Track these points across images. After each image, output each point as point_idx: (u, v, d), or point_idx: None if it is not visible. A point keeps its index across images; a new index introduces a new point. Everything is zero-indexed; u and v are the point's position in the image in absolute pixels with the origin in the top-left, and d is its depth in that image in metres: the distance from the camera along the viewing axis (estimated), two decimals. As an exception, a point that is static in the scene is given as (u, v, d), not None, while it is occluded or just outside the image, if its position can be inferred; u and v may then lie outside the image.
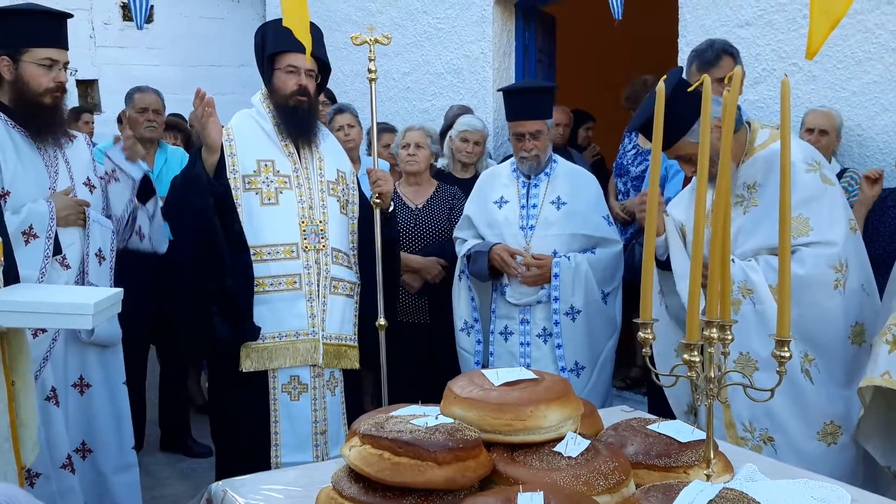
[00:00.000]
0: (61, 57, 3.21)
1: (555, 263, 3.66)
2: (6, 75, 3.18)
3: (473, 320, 3.92)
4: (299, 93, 3.27)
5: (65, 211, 3.18)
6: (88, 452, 3.35)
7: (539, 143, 3.72)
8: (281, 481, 1.98)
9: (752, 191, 2.99)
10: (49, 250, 3.11)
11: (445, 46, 6.98)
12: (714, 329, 1.74)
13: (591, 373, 3.76)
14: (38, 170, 3.22)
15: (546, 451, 1.79)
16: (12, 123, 3.19)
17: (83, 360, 3.32)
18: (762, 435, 2.88)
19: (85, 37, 9.67)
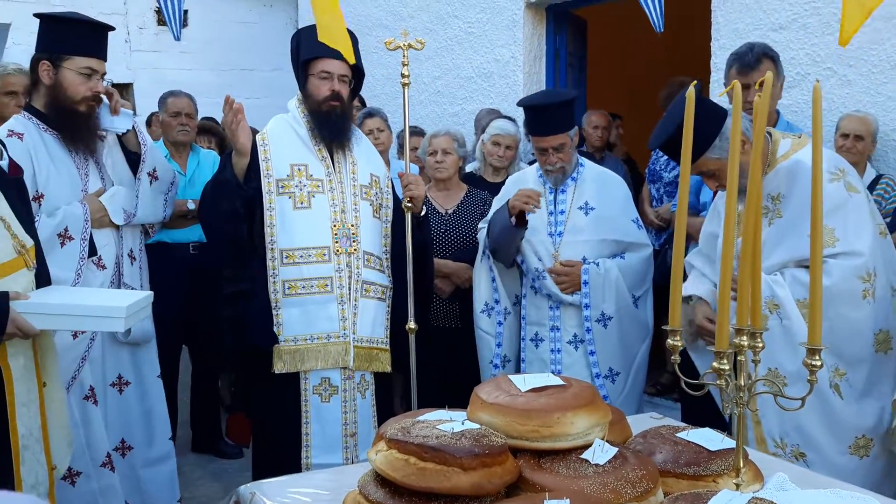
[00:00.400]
0: (100, 67, 3.27)
1: (584, 270, 3.63)
2: (45, 80, 3.23)
3: (494, 301, 3.87)
4: (332, 98, 3.30)
5: (98, 213, 3.24)
6: (128, 450, 3.41)
7: (563, 155, 3.67)
8: (309, 484, 1.99)
9: (777, 202, 2.96)
10: (84, 252, 3.16)
11: (476, 51, 6.98)
12: (744, 337, 1.72)
13: (627, 378, 3.74)
14: (71, 172, 3.27)
15: (573, 459, 1.78)
16: (44, 127, 3.25)
17: (120, 359, 3.38)
18: (794, 451, 2.85)
19: (120, 41, 9.80)
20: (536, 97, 3.92)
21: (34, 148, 3.18)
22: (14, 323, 2.36)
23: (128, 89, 9.97)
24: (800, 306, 2.84)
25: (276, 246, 3.21)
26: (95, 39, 3.27)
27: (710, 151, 2.89)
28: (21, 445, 2.44)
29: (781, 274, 2.90)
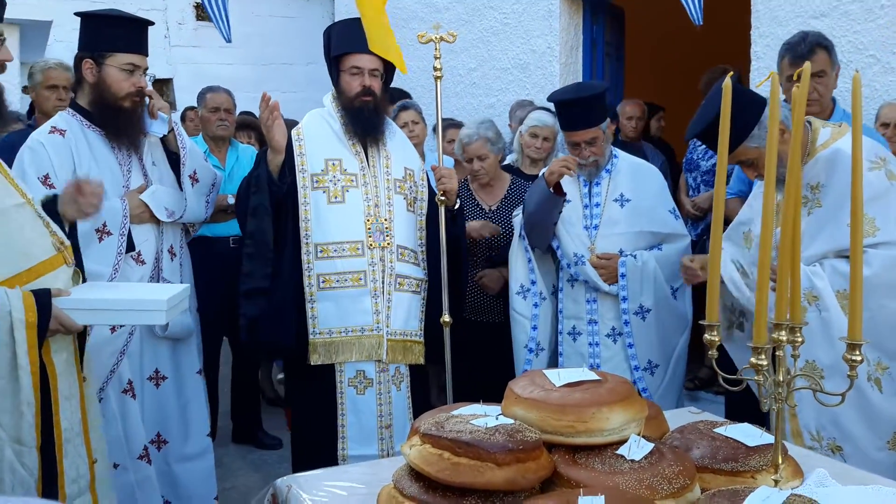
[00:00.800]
0: (142, 63, 3.30)
1: (620, 263, 3.60)
2: (89, 78, 3.27)
3: (530, 283, 3.82)
4: (364, 93, 3.32)
5: (139, 209, 3.28)
6: (164, 443, 3.45)
7: (596, 148, 3.63)
8: (344, 478, 2.00)
9: (816, 192, 2.92)
10: (122, 247, 3.20)
11: (512, 42, 6.95)
12: (783, 332, 1.69)
13: (666, 371, 3.70)
14: (112, 169, 3.30)
15: (609, 454, 1.77)
16: (88, 124, 3.29)
17: (158, 353, 3.41)
18: (830, 444, 2.81)
19: (160, 37, 9.93)
20: (566, 91, 3.87)
21: (76, 144, 3.22)
22: (57, 319, 2.41)
23: (167, 84, 10.10)
24: (839, 297, 2.79)
25: (310, 240, 3.25)
26: (136, 35, 3.31)
27: (748, 140, 2.85)
28: (64, 439, 2.49)
29: (820, 264, 2.85)
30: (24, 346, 2.32)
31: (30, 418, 2.34)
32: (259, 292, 3.25)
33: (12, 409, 2.31)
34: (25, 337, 2.32)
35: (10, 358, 2.31)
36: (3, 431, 2.30)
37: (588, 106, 3.59)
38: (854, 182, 1.63)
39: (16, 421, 2.32)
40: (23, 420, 2.33)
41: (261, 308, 3.25)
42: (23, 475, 2.34)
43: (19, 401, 2.32)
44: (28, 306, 2.34)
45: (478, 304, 4.33)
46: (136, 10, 9.62)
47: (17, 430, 2.32)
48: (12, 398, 2.31)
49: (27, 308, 2.33)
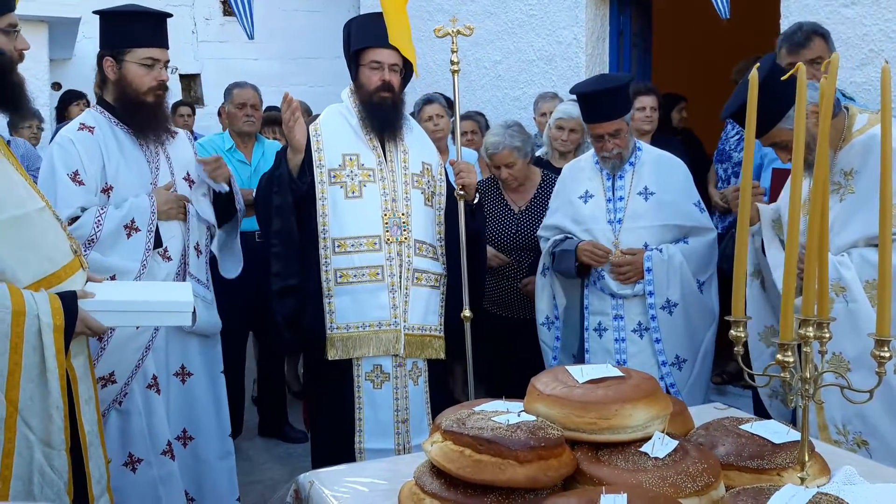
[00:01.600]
0: (162, 56, 3.29)
1: (646, 258, 3.56)
2: (110, 76, 3.28)
3: (554, 316, 3.87)
4: (383, 88, 3.31)
5: (166, 205, 3.28)
6: (190, 440, 3.45)
7: (619, 140, 3.59)
8: (365, 474, 2.00)
9: (849, 178, 2.85)
10: (150, 243, 3.21)
11: (537, 33, 6.90)
12: (810, 328, 1.66)
13: (693, 365, 3.67)
14: (140, 165, 3.32)
15: (632, 451, 1.75)
16: (115, 121, 3.30)
17: (185, 349, 3.41)
18: (856, 438, 2.77)
19: (187, 32, 9.99)
20: (589, 83, 3.85)
21: (104, 141, 3.24)
22: (83, 322, 2.42)
23: (195, 80, 10.16)
24: (868, 288, 2.74)
25: (328, 235, 3.25)
26: (154, 29, 3.30)
27: (783, 122, 2.79)
28: (87, 442, 2.51)
29: (849, 254, 2.80)
30: (52, 349, 2.32)
31: (59, 421, 2.35)
32: (290, 290, 3.26)
33: (41, 413, 2.32)
34: (53, 340, 2.32)
35: (38, 362, 2.31)
36: (32, 434, 2.31)
37: (611, 98, 3.56)
38: (883, 171, 1.60)
39: (45, 424, 2.33)
40: (52, 423, 2.34)
41: (294, 305, 3.26)
42: (52, 477, 2.35)
43: (48, 404, 2.33)
44: (55, 309, 2.34)
45: (503, 299, 4.32)
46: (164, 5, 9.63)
47: (47, 434, 2.33)
48: (41, 402, 2.32)
49: (54, 311, 2.34)
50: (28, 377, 2.29)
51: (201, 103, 9.98)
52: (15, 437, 2.27)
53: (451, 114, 5.30)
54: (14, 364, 2.26)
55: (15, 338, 2.25)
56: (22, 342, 2.27)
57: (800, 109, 1.66)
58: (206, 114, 9.60)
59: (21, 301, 2.28)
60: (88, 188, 3.18)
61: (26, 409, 2.29)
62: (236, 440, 5.12)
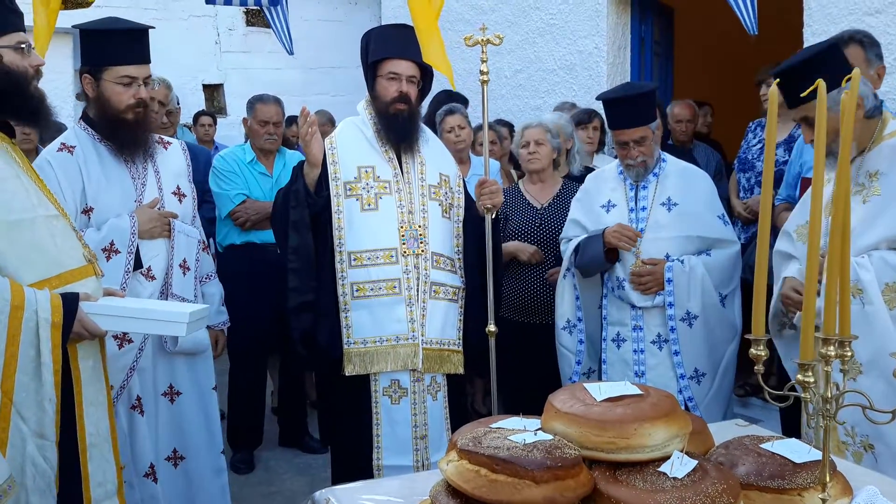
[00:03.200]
0: (141, 73, 3.21)
1: (667, 268, 3.53)
2: (89, 93, 3.24)
3: (577, 319, 3.83)
4: (400, 100, 3.29)
5: (149, 224, 3.22)
6: (181, 459, 3.41)
7: (644, 148, 3.58)
8: (381, 491, 1.99)
9: (874, 179, 2.80)
10: (129, 265, 3.15)
11: (558, 42, 6.89)
12: (832, 346, 1.63)
13: (713, 380, 3.62)
14: (124, 183, 3.25)
15: (650, 471, 1.73)
16: (99, 137, 3.24)
17: (172, 368, 3.36)
18: (863, 442, 2.71)
19: (210, 42, 10.07)
20: (615, 90, 3.85)
21: (85, 160, 3.19)
22: (81, 323, 2.47)
23: (218, 90, 10.24)
24: (887, 291, 2.69)
25: (344, 248, 3.23)
26: (132, 45, 3.22)
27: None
28: (88, 444, 2.55)
29: (869, 256, 2.74)
30: (48, 344, 2.40)
31: (51, 414, 2.42)
32: (307, 306, 3.24)
33: (35, 405, 2.40)
34: (50, 335, 2.40)
35: (34, 356, 2.39)
36: (25, 426, 2.37)
37: (635, 104, 3.57)
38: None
39: (38, 416, 2.40)
40: (45, 415, 2.41)
41: (312, 320, 3.25)
42: (44, 468, 2.42)
43: (41, 396, 2.40)
44: (55, 307, 2.42)
45: (522, 305, 4.29)
46: (188, 16, 9.81)
47: (40, 425, 2.40)
48: (35, 394, 2.40)
49: (53, 309, 2.41)
50: (23, 370, 2.37)
51: (224, 113, 10.05)
52: (9, 428, 2.35)
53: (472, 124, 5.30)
54: (10, 356, 2.34)
55: (12, 330, 2.34)
56: (19, 335, 2.35)
57: (820, 122, 1.64)
58: (229, 123, 9.68)
59: (21, 296, 2.36)
60: (66, 211, 3.13)
61: (20, 401, 2.37)
62: (257, 450, 5.16)
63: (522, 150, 4.35)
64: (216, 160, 5.08)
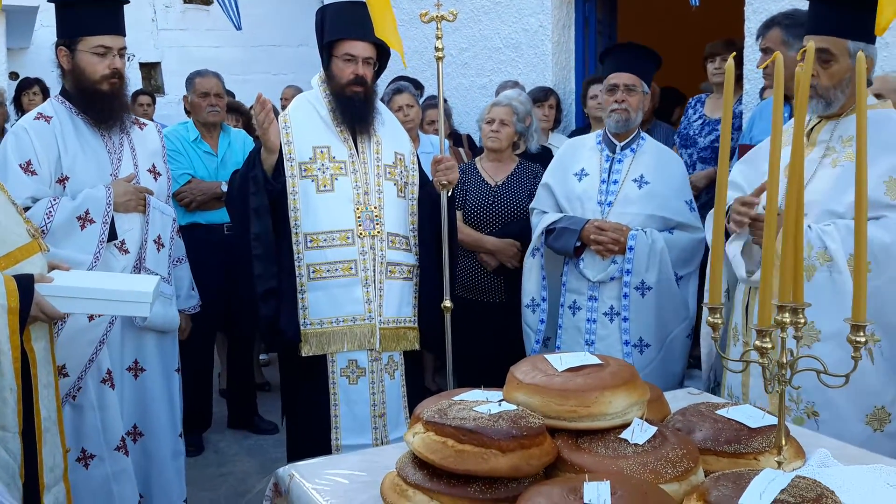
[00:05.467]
0: (115, 43, 3.22)
1: (631, 236, 3.59)
2: (65, 65, 3.23)
3: (541, 299, 3.88)
4: (356, 82, 3.27)
5: (124, 197, 3.23)
6: (140, 436, 3.40)
7: (631, 98, 3.67)
8: (345, 466, 1.99)
9: (847, 145, 2.80)
10: (104, 235, 3.16)
11: (503, 20, 6.89)
12: (787, 314, 1.68)
13: (657, 353, 3.69)
14: (100, 156, 3.27)
15: (612, 438, 1.76)
16: (76, 111, 3.25)
17: (140, 344, 3.36)
18: (807, 408, 2.75)
19: (147, 20, 9.83)
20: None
21: (62, 131, 3.18)
22: (38, 306, 2.39)
23: (155, 68, 10.01)
24: (851, 261, 2.66)
25: (300, 230, 3.21)
26: (106, 16, 3.23)
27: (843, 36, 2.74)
28: (43, 428, 2.49)
29: (834, 224, 2.74)
30: (5, 331, 2.31)
31: (13, 404, 2.34)
32: (273, 293, 3.22)
33: None
34: (7, 322, 2.31)
35: None
36: None
37: (639, 54, 3.77)
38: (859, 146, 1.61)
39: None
40: (6, 406, 2.33)
41: (277, 306, 3.23)
42: (6, 460, 2.35)
43: (2, 386, 2.32)
44: (10, 291, 2.32)
45: (476, 284, 4.32)
46: (123, -7, 9.57)
47: (2, 416, 2.32)
48: None
49: (9, 293, 2.32)
50: None
51: (162, 92, 9.84)
52: None
53: (421, 102, 5.28)
54: None
55: None
56: None
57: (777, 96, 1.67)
58: (167, 102, 9.48)
59: None
60: (41, 178, 3.13)
61: None
62: (206, 433, 5.10)
63: (486, 126, 4.36)
64: (163, 140, 4.98)
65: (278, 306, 3.22)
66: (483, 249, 4.25)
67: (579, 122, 6.40)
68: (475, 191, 4.33)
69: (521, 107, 4.40)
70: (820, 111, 2.88)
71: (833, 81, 2.80)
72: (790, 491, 1.50)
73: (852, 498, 1.64)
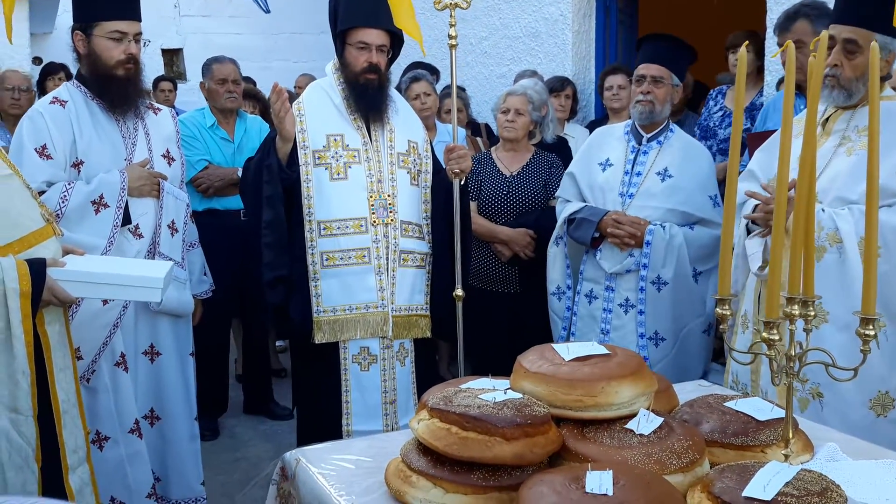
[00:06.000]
0: (131, 29, 3.23)
1: (648, 231, 3.55)
2: (81, 50, 3.25)
3: (567, 287, 3.88)
4: (369, 70, 3.26)
5: (139, 181, 3.25)
6: (157, 419, 3.43)
7: (658, 90, 3.63)
8: (352, 451, 2.00)
9: (862, 134, 2.77)
10: (118, 220, 3.18)
11: (524, 9, 6.86)
12: (796, 306, 1.67)
13: (672, 346, 3.67)
14: (115, 141, 3.28)
15: (617, 429, 1.76)
16: (91, 95, 3.27)
17: (154, 328, 3.39)
18: (812, 389, 2.73)
19: (169, 6, 9.88)
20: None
21: (77, 115, 3.21)
22: (51, 290, 2.40)
23: (178, 55, 10.06)
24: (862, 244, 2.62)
25: (313, 218, 3.21)
26: (122, 1, 3.24)
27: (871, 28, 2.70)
28: (62, 410, 2.51)
29: (849, 209, 2.72)
30: (17, 314, 2.32)
31: (25, 387, 2.35)
32: (281, 280, 3.23)
33: (7, 378, 2.33)
34: (19, 305, 2.32)
35: (3, 327, 2.32)
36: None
37: (670, 46, 3.72)
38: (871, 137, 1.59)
39: (11, 390, 2.33)
40: (18, 389, 2.34)
41: (285, 293, 3.25)
42: (20, 444, 2.36)
43: (14, 370, 2.33)
44: (22, 275, 2.33)
45: (490, 274, 4.32)
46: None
47: (13, 399, 2.34)
48: (6, 367, 2.33)
49: (21, 277, 2.33)
50: None
51: (184, 78, 9.88)
52: None
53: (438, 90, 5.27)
54: None
55: None
56: None
57: (789, 84, 1.66)
58: (189, 89, 9.51)
59: None
60: (56, 162, 3.15)
61: None
62: (221, 417, 5.14)
63: (501, 116, 4.34)
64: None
65: (287, 294, 3.23)
66: (497, 239, 4.24)
67: (598, 113, 6.36)
68: (490, 181, 4.32)
69: (537, 96, 4.37)
70: (840, 102, 2.86)
71: (857, 73, 2.77)
72: (795, 484, 1.49)
73: (860, 492, 1.63)
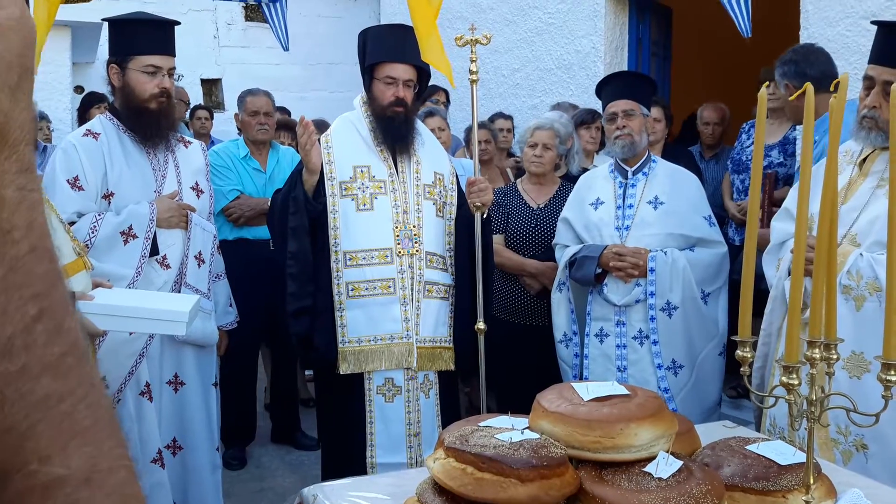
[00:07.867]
0: (165, 63, 3.31)
1: (650, 258, 3.57)
2: (115, 82, 3.33)
3: (573, 333, 3.87)
4: (396, 104, 3.30)
5: (167, 213, 3.30)
6: (179, 449, 3.45)
7: (631, 122, 3.68)
8: (370, 489, 2.00)
9: None
10: (146, 250, 3.23)
11: (556, 42, 6.89)
12: (817, 349, 1.64)
13: (691, 373, 3.65)
14: (145, 173, 3.35)
15: (636, 471, 1.73)
16: (123, 128, 3.34)
17: (179, 358, 3.42)
18: (856, 441, 2.68)
19: (209, 37, 10.05)
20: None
21: (108, 147, 3.27)
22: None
23: (216, 84, 10.22)
24: None
25: (339, 248, 3.24)
26: (157, 37, 3.32)
27: None
28: None
29: None
30: None
31: None
32: (305, 311, 3.26)
33: None
34: None
35: None
36: None
37: (630, 81, 3.81)
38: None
39: None
40: None
41: (309, 324, 3.27)
42: None
43: None
44: None
45: (519, 307, 4.30)
46: (187, 10, 9.79)
47: None
48: None
49: None
50: None
51: (222, 108, 10.04)
52: None
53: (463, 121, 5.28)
54: None
55: None
56: None
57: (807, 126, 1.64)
58: (227, 118, 9.65)
59: None
60: (88, 194, 3.21)
61: None
62: (249, 447, 5.16)
63: (528, 150, 4.34)
64: (209, 155, 5.08)
65: (311, 324, 3.25)
66: (525, 273, 4.23)
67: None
68: (517, 213, 4.32)
69: (563, 129, 4.38)
70: (879, 143, 2.84)
71: None
72: (814, 532, 1.46)
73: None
